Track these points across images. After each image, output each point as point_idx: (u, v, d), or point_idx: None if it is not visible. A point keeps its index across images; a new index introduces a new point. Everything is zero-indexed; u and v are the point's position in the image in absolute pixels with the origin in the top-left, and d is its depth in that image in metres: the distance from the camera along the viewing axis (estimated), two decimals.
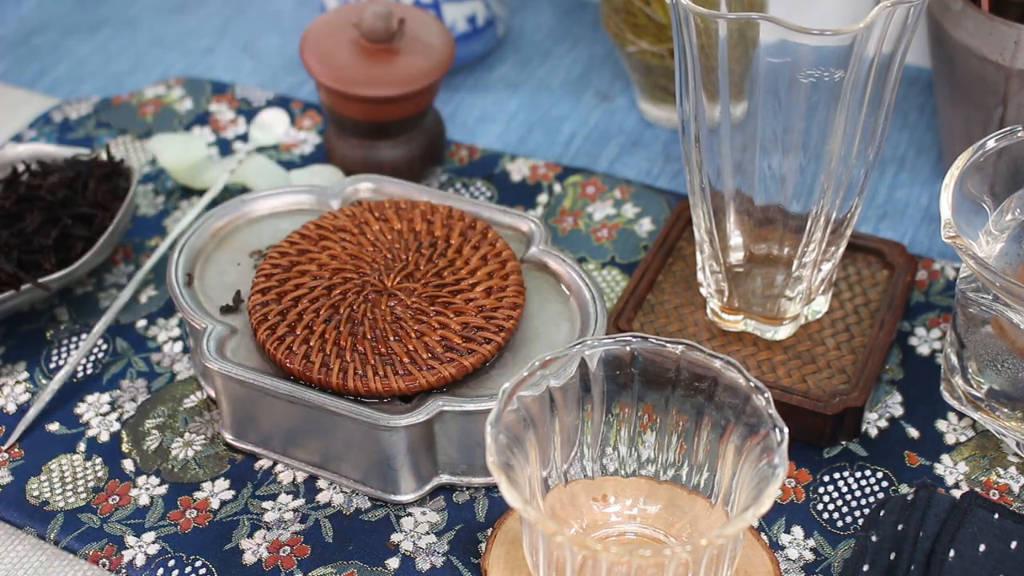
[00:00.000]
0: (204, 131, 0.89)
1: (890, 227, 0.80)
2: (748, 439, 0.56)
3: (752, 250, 0.68)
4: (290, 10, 1.02)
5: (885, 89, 0.61)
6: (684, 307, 0.73)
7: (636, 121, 0.89)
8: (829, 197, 0.64)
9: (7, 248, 0.73)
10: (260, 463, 0.68)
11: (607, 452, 0.61)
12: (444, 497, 0.66)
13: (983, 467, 0.66)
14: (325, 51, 0.79)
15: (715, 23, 0.58)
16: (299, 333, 0.65)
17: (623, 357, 0.59)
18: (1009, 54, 0.71)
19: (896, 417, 0.68)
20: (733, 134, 0.62)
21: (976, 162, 0.63)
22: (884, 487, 0.65)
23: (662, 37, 0.82)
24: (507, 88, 0.93)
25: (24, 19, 1.02)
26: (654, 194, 0.82)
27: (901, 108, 0.89)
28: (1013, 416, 0.64)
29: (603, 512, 0.61)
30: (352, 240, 0.70)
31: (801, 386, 0.68)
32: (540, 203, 0.82)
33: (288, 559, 0.63)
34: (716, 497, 0.59)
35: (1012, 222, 0.64)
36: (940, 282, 0.75)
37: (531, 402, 0.57)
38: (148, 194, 0.84)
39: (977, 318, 0.63)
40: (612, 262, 0.78)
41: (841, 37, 0.57)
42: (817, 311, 0.71)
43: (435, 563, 0.62)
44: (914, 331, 0.73)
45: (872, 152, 0.64)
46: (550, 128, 0.89)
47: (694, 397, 0.59)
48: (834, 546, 0.63)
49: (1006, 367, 0.62)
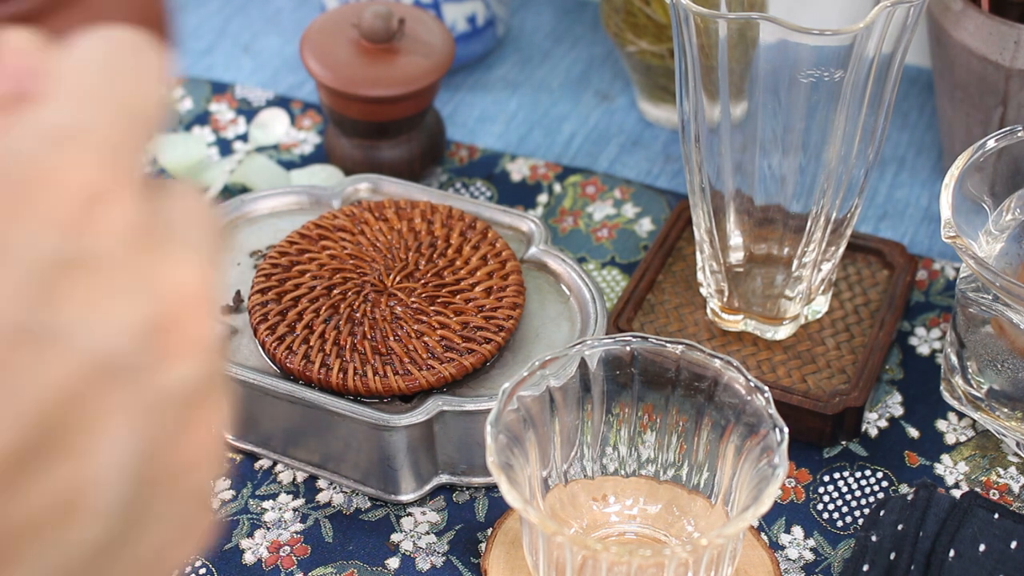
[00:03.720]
0: (204, 131, 0.89)
1: (890, 227, 0.80)
2: (748, 439, 0.56)
3: (752, 250, 0.68)
4: (290, 10, 1.02)
5: (885, 89, 0.61)
6: (684, 307, 0.73)
7: (636, 121, 0.89)
8: (829, 197, 0.64)
9: None
10: (260, 463, 0.68)
11: (607, 452, 0.61)
12: (444, 497, 0.66)
13: (983, 467, 0.66)
14: (325, 51, 0.79)
15: (715, 23, 0.58)
16: (299, 333, 0.65)
17: (623, 357, 0.59)
18: (1009, 54, 0.71)
19: (896, 417, 0.68)
20: (733, 134, 0.62)
21: (976, 162, 0.63)
22: (884, 487, 0.65)
23: (662, 37, 0.82)
24: (507, 88, 0.93)
25: None
26: (654, 194, 0.82)
27: (901, 108, 0.88)
28: (1013, 416, 0.64)
29: (603, 512, 0.61)
30: (352, 240, 0.70)
31: (801, 386, 0.68)
32: (540, 203, 0.82)
33: (288, 559, 0.63)
34: (716, 497, 0.59)
35: (1012, 222, 0.64)
36: (940, 282, 0.75)
37: (531, 402, 0.57)
38: None
39: (977, 318, 0.63)
40: (612, 262, 0.78)
41: (841, 37, 0.57)
42: (817, 311, 0.71)
43: (435, 563, 0.62)
44: (914, 331, 0.73)
45: (872, 152, 0.64)
46: (550, 128, 0.89)
47: (694, 397, 0.59)
48: (834, 546, 0.63)
49: (1006, 367, 0.62)
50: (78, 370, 0.27)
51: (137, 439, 0.29)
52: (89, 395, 0.28)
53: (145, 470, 0.29)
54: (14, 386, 0.26)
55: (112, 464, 0.28)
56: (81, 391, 0.27)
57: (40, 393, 0.27)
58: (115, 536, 0.29)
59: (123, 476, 0.28)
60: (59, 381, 0.27)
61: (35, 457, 0.26)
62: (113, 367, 0.28)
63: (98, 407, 0.28)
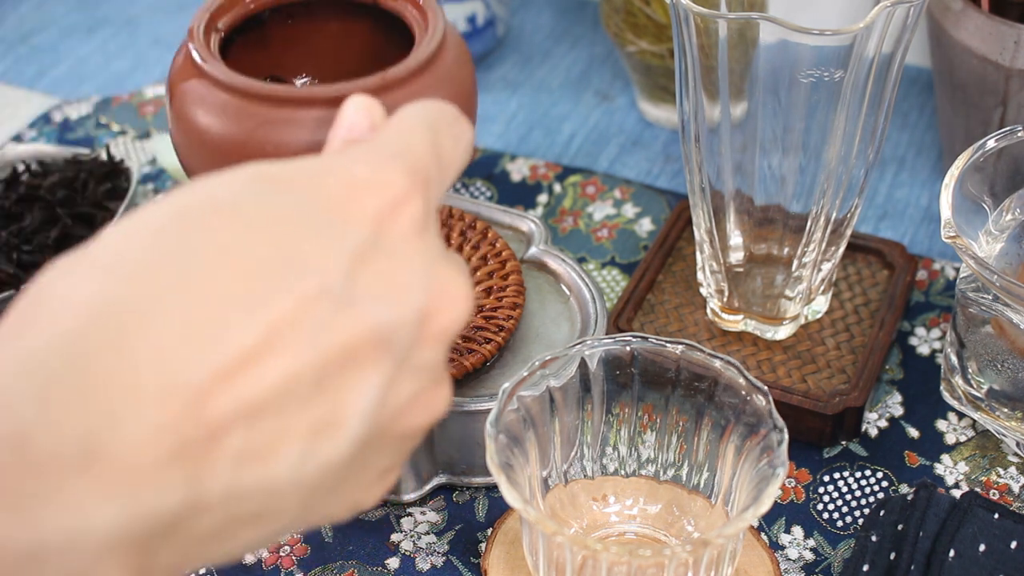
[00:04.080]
0: None
1: (890, 227, 0.80)
2: (748, 439, 0.56)
3: (752, 250, 0.68)
4: None
5: (885, 89, 0.61)
6: (684, 307, 0.73)
7: (636, 121, 0.89)
8: (829, 197, 0.64)
9: (7, 248, 0.73)
10: None
11: (607, 452, 0.61)
12: (444, 497, 0.66)
13: (983, 467, 0.66)
14: None
15: (715, 23, 0.58)
16: None
17: (623, 357, 0.59)
18: (1009, 54, 0.71)
19: (896, 417, 0.68)
20: (733, 134, 0.62)
21: (976, 162, 0.63)
22: (884, 487, 0.65)
23: (662, 37, 0.82)
24: (507, 88, 0.93)
25: (24, 19, 1.02)
26: (654, 194, 0.82)
27: (901, 108, 0.89)
28: (1013, 416, 0.64)
29: (603, 512, 0.61)
30: None
31: (801, 386, 0.68)
32: (540, 203, 0.82)
33: (288, 559, 0.63)
34: (716, 497, 0.59)
35: (1012, 222, 0.64)
36: (940, 282, 0.75)
37: (531, 402, 0.57)
38: (148, 194, 0.84)
39: (977, 318, 0.63)
40: (612, 262, 0.78)
41: (841, 37, 0.57)
42: (817, 311, 0.71)
43: (435, 563, 0.62)
44: (914, 331, 0.73)
45: (872, 152, 0.64)
46: (550, 128, 0.89)
47: (694, 397, 0.59)
48: (834, 546, 0.63)
49: (1006, 367, 0.62)
50: (361, 332, 0.36)
51: (383, 395, 0.37)
52: (363, 352, 0.36)
53: (379, 419, 0.38)
54: (312, 326, 0.35)
55: (361, 407, 0.37)
56: (358, 347, 0.36)
57: (331, 337, 0.35)
58: (354, 458, 0.37)
59: (365, 418, 0.37)
60: (345, 334, 0.36)
61: (318, 382, 0.35)
62: (386, 337, 0.37)
63: (365, 362, 0.36)
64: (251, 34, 0.61)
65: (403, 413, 0.39)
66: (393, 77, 0.52)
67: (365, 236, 0.37)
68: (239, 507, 0.35)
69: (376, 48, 0.62)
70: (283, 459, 0.35)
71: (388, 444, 0.40)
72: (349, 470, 0.38)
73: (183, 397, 0.33)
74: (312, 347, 0.35)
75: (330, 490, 0.38)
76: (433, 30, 0.55)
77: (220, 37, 0.57)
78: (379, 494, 0.42)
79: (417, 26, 0.57)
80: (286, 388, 0.35)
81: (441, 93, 0.53)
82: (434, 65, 0.54)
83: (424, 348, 0.39)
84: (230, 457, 0.34)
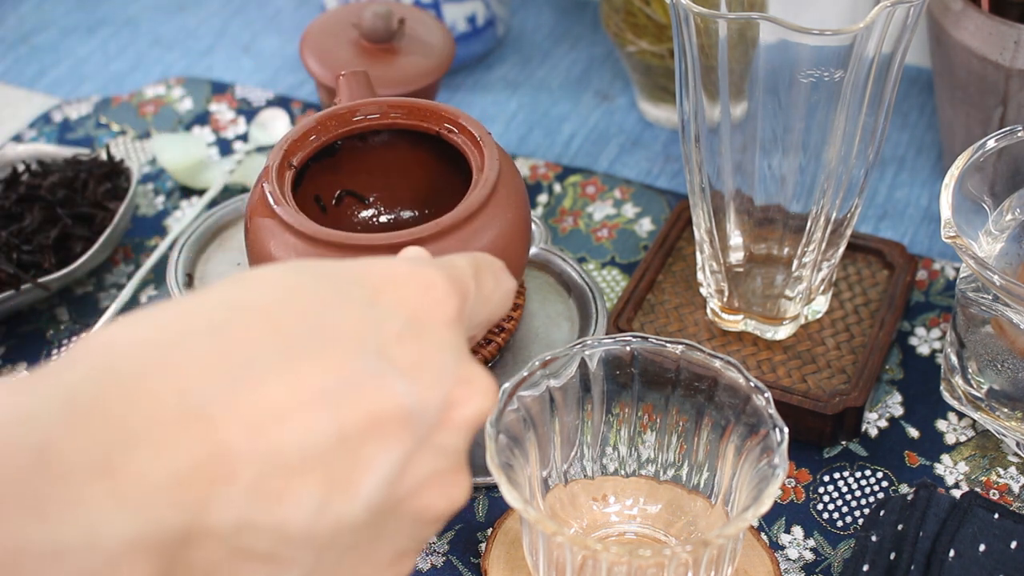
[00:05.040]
0: (204, 131, 0.89)
1: (890, 227, 0.80)
2: (748, 439, 0.56)
3: (752, 250, 0.68)
4: (290, 10, 1.02)
5: (885, 89, 0.61)
6: (684, 307, 0.73)
7: (636, 121, 0.89)
8: (829, 197, 0.64)
9: (7, 248, 0.73)
10: None
11: (607, 452, 0.61)
12: None
13: (983, 467, 0.66)
14: (325, 51, 0.79)
15: (715, 23, 0.58)
16: None
17: (623, 357, 0.59)
18: (1009, 54, 0.71)
19: (896, 417, 0.68)
20: (733, 134, 0.62)
21: (976, 162, 0.63)
22: (884, 487, 0.65)
23: (662, 37, 0.82)
24: (507, 88, 0.93)
25: (24, 19, 1.02)
26: (654, 194, 0.82)
27: (901, 108, 0.89)
28: (1013, 416, 0.64)
29: (603, 512, 0.61)
30: None
31: (801, 386, 0.68)
32: (540, 203, 0.82)
33: None
34: (716, 497, 0.59)
35: (1012, 222, 0.64)
36: (940, 282, 0.75)
37: (531, 402, 0.57)
38: (148, 194, 0.84)
39: (977, 318, 0.63)
40: (612, 262, 0.78)
41: (841, 37, 0.57)
42: (817, 311, 0.71)
43: (435, 563, 0.62)
44: (914, 331, 0.73)
45: (872, 152, 0.64)
46: (550, 128, 0.89)
47: (694, 397, 0.59)
48: (834, 546, 0.63)
49: (1006, 367, 0.62)
50: (387, 404, 0.38)
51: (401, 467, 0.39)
52: (387, 423, 0.38)
53: (395, 490, 0.40)
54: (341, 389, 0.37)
55: (379, 472, 0.38)
56: (383, 418, 0.38)
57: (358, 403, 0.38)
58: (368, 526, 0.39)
59: (381, 484, 0.39)
60: (372, 403, 0.38)
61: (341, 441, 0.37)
62: (411, 413, 0.39)
63: (388, 433, 0.38)
64: (325, 160, 0.66)
65: (420, 490, 0.41)
66: (447, 224, 0.57)
67: (401, 319, 0.40)
68: (250, 541, 0.36)
69: (439, 172, 0.67)
70: (297, 504, 0.37)
71: (404, 522, 0.41)
72: (363, 538, 0.39)
73: (201, 427, 0.35)
74: (338, 407, 0.37)
75: (343, 555, 0.39)
76: (488, 170, 0.60)
77: (294, 172, 0.62)
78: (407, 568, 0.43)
79: (474, 163, 0.61)
80: (308, 438, 0.37)
81: (491, 234, 0.59)
82: (484, 211, 0.59)
83: (446, 432, 0.41)
84: (244, 488, 0.36)
